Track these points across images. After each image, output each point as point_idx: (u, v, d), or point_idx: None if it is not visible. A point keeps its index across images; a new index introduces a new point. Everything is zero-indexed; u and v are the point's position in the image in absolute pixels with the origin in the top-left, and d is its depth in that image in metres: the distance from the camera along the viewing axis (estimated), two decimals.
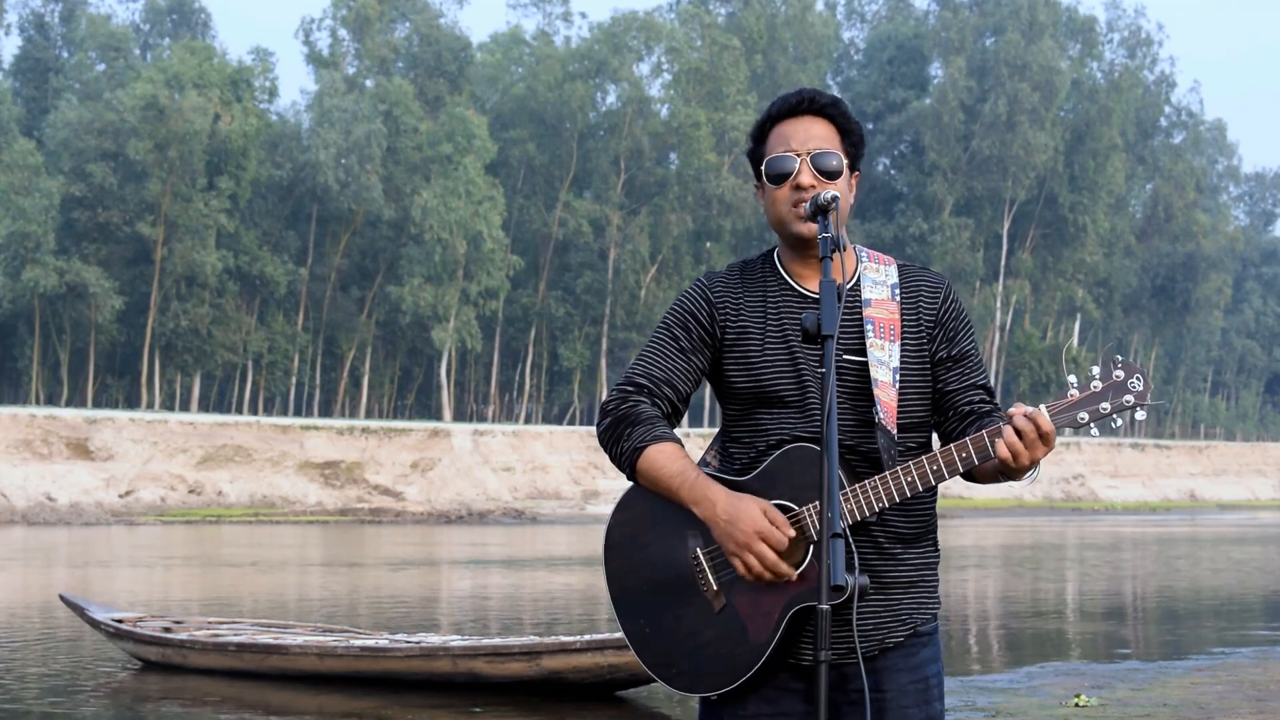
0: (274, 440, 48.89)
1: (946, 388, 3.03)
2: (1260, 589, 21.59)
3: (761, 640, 2.88)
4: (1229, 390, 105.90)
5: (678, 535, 2.96)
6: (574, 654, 9.68)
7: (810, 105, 3.01)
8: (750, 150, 3.09)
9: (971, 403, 3.01)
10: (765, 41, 76.27)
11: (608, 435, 3.02)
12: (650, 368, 3.02)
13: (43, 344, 63.04)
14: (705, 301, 3.03)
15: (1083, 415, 2.85)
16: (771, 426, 2.96)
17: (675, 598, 2.96)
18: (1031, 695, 9.97)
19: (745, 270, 3.07)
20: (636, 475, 2.98)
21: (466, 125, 66.18)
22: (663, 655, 2.98)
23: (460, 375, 73.29)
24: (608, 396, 3.04)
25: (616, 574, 3.03)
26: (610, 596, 3.05)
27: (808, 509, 2.87)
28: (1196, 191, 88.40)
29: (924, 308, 3.03)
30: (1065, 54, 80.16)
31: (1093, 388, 2.87)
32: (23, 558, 26.77)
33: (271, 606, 16.72)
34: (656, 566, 2.98)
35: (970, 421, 2.98)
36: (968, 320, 3.07)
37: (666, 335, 3.04)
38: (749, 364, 2.99)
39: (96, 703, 10.25)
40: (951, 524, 44.01)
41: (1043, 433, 2.79)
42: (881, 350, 2.96)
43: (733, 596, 2.91)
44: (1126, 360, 2.88)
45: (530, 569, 24.18)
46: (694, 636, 2.94)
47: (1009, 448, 2.78)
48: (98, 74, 68.34)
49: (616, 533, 3.04)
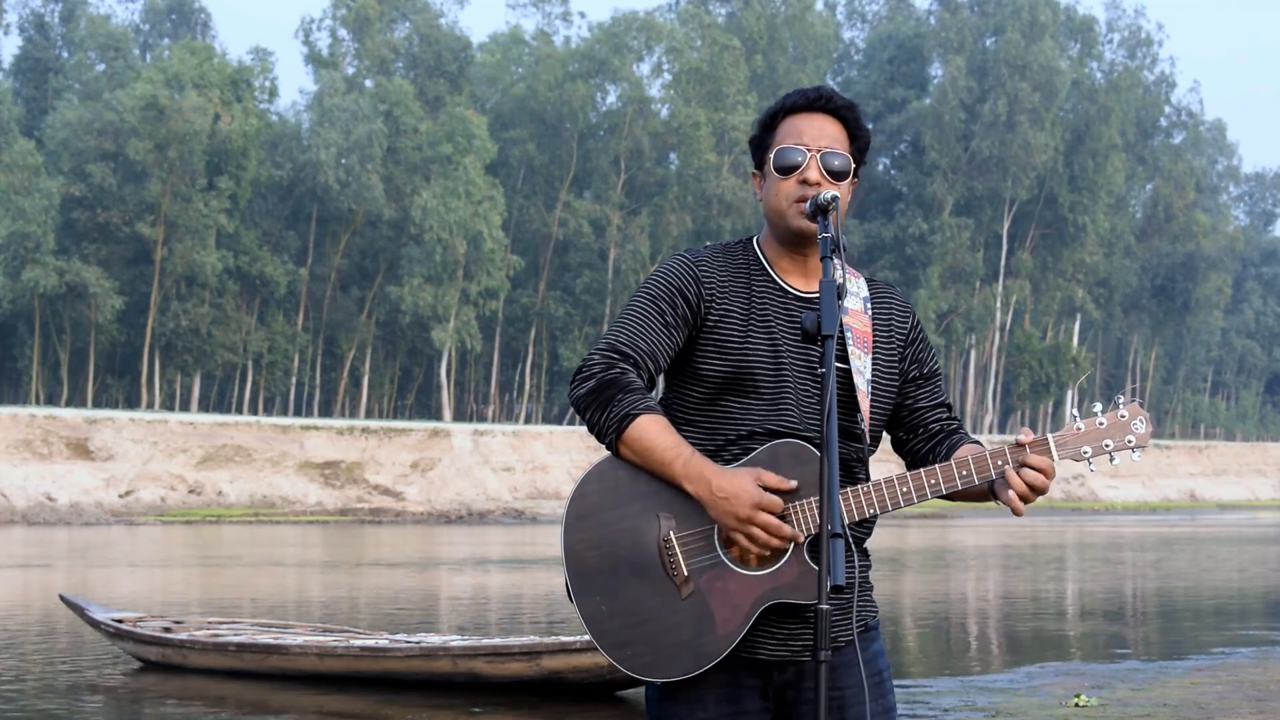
0: (274, 440, 48.87)
1: (916, 404, 3.09)
2: (1260, 589, 21.59)
3: (728, 632, 2.86)
4: (1229, 390, 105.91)
5: (648, 514, 2.89)
6: (574, 654, 9.68)
7: (827, 104, 3.00)
8: (756, 136, 3.05)
9: (939, 420, 3.10)
10: (765, 41, 76.26)
11: (591, 398, 2.90)
12: (636, 337, 2.94)
13: (43, 344, 63.03)
14: (694, 280, 2.97)
15: (1086, 449, 2.94)
16: (740, 416, 2.93)
17: (638, 578, 2.89)
18: (1031, 695, 9.97)
19: (726, 254, 3.03)
20: (622, 443, 2.89)
21: (466, 125, 66.19)
22: (619, 635, 2.90)
23: (460, 375, 73.30)
24: (589, 359, 2.94)
25: (576, 546, 2.92)
26: (566, 569, 2.93)
27: (794, 507, 2.86)
28: (1196, 191, 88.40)
29: (897, 327, 3.09)
30: (1065, 54, 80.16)
31: (1098, 424, 2.94)
32: (23, 558, 26.77)
33: (271, 606, 16.72)
34: (621, 545, 2.89)
35: (940, 440, 3.06)
36: (929, 341, 3.16)
37: (652, 307, 2.96)
38: (726, 350, 2.95)
39: (96, 703, 10.25)
40: (951, 524, 44.00)
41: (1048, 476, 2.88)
42: (859, 360, 2.99)
43: (702, 584, 2.86)
44: (1131, 401, 2.95)
45: (530, 569, 24.17)
46: (655, 620, 2.88)
47: (1022, 497, 2.87)
48: (98, 74, 68.35)
49: (582, 504, 2.92)
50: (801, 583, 2.86)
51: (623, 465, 2.92)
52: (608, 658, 2.93)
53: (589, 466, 2.98)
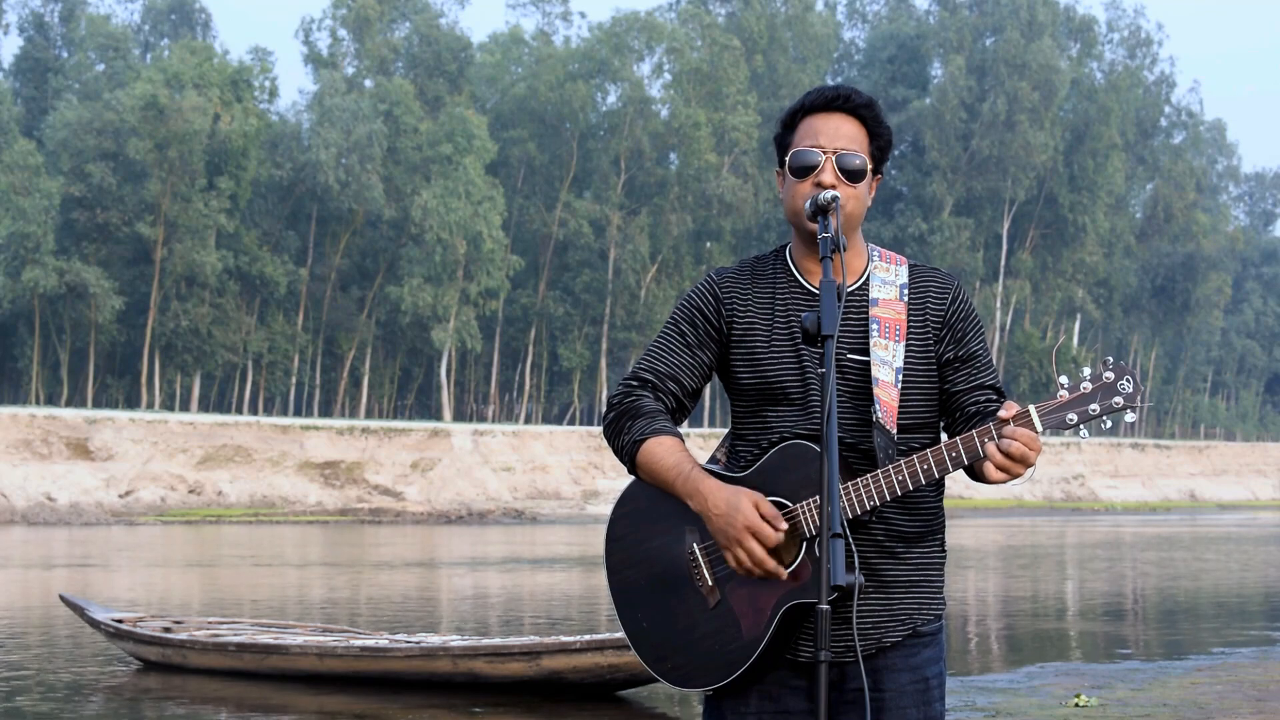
0: (274, 440, 48.87)
1: (954, 388, 3.02)
2: (1260, 589, 21.59)
3: (754, 636, 2.88)
4: (1229, 390, 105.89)
5: (676, 530, 2.97)
6: (574, 654, 9.68)
7: (845, 103, 2.99)
8: (778, 136, 3.06)
9: (978, 403, 3.01)
10: (765, 42, 76.25)
11: (611, 429, 3.03)
12: (655, 363, 3.03)
13: (43, 344, 63.04)
14: (713, 297, 3.03)
15: (1071, 416, 2.85)
16: (775, 424, 2.97)
17: (672, 592, 2.97)
18: (1031, 695, 9.97)
19: (757, 266, 3.06)
20: (636, 469, 2.99)
21: (466, 125, 66.19)
22: (658, 649, 2.98)
23: (460, 375, 73.30)
24: (613, 391, 3.06)
25: (617, 567, 3.04)
26: (610, 590, 3.06)
27: (802, 506, 2.87)
28: (1196, 191, 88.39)
29: (931, 309, 3.03)
30: (1065, 54, 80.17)
31: (1082, 389, 2.86)
32: (22, 558, 26.77)
33: (271, 606, 16.72)
34: (655, 561, 2.99)
35: (975, 422, 2.97)
36: (977, 321, 3.06)
37: (673, 331, 3.05)
38: (755, 360, 2.99)
39: (96, 703, 10.25)
40: (951, 524, 43.81)
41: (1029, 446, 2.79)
42: (885, 350, 2.96)
43: (727, 592, 2.91)
44: (1117, 362, 2.88)
45: (530, 569, 24.17)
46: (689, 631, 2.94)
47: (1000, 468, 2.79)
48: (97, 74, 68.36)
49: (618, 526, 3.05)
50: (816, 582, 2.86)
51: (649, 486, 3.01)
52: (651, 673, 3.02)
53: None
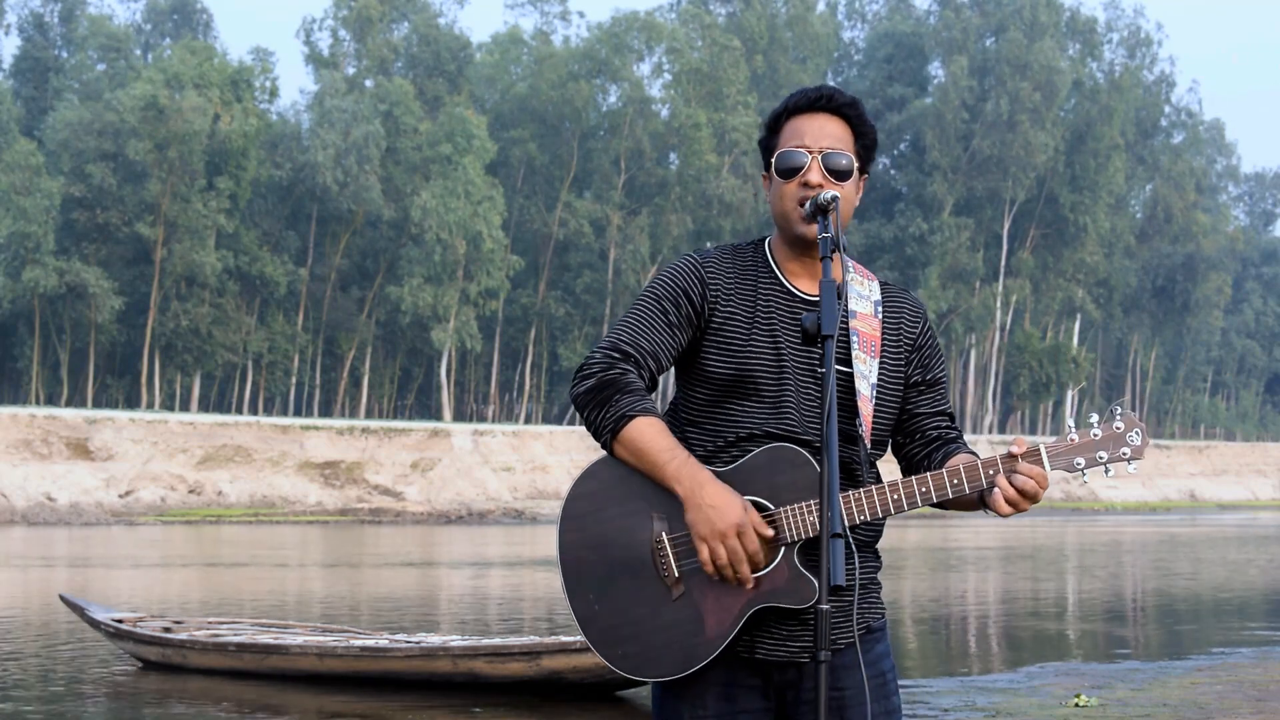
0: (274, 440, 48.87)
1: (916, 410, 3.06)
2: (1260, 589, 21.59)
3: (718, 634, 2.85)
4: (1229, 390, 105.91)
5: (642, 514, 2.89)
6: (574, 654, 9.67)
7: (829, 103, 2.98)
8: (763, 139, 3.05)
9: (939, 428, 3.07)
10: (765, 42, 76.26)
11: (590, 397, 2.90)
12: (638, 337, 2.94)
13: (43, 344, 63.04)
14: (698, 280, 2.97)
15: (1079, 460, 2.90)
16: (742, 418, 2.92)
17: (630, 578, 2.89)
18: (1031, 695, 9.97)
19: (736, 255, 3.02)
20: (617, 443, 2.89)
21: (466, 125, 66.18)
22: (610, 634, 2.92)
23: (460, 375, 73.31)
24: (590, 357, 2.94)
25: (571, 546, 2.94)
26: (560, 568, 2.96)
27: (786, 510, 2.85)
28: (1196, 192, 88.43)
29: (906, 331, 3.06)
30: (1066, 54, 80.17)
31: (1093, 435, 2.91)
32: (22, 558, 26.77)
33: (271, 606, 16.72)
34: (614, 543, 2.90)
35: (936, 447, 3.04)
36: (940, 348, 3.12)
37: (656, 306, 2.96)
38: (730, 351, 2.94)
39: (96, 703, 10.25)
40: (951, 524, 43.97)
41: (1040, 484, 2.86)
42: (864, 364, 2.97)
43: (693, 586, 2.86)
44: (1127, 412, 2.92)
45: (530, 569, 24.17)
46: (646, 620, 2.89)
47: (1010, 502, 2.84)
48: (98, 74, 68.38)
49: (578, 504, 2.94)
50: (791, 586, 2.84)
51: (618, 465, 2.92)
52: (599, 656, 2.94)
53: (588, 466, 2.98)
